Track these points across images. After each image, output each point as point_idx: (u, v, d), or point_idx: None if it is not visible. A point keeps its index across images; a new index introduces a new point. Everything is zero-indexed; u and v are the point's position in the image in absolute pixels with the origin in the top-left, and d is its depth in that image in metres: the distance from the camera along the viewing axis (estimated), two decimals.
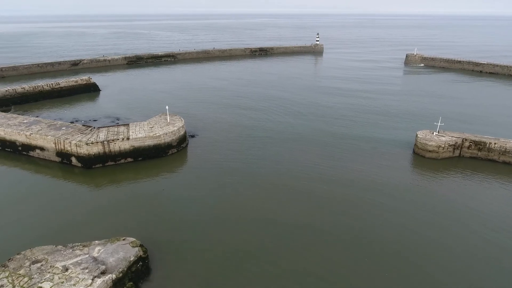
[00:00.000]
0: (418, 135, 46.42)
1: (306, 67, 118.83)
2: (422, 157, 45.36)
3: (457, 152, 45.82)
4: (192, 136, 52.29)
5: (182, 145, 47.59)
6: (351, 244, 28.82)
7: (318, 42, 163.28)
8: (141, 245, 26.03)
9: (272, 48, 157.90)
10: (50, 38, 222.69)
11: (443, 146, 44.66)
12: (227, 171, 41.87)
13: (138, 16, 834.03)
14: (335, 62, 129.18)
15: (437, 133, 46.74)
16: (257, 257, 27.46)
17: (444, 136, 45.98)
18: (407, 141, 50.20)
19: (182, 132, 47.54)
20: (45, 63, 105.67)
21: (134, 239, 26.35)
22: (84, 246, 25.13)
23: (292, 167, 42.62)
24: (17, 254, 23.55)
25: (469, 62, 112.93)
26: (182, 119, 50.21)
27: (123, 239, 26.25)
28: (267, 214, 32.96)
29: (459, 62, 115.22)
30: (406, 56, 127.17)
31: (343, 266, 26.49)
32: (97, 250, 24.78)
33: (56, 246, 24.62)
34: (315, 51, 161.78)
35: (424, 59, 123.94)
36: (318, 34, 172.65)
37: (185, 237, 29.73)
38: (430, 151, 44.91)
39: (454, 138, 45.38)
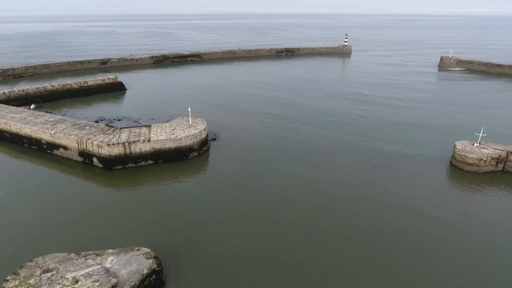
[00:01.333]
0: (457, 146, 42.64)
1: (332, 70, 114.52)
2: (460, 170, 41.59)
3: (500, 166, 41.67)
4: (214, 139, 50.96)
5: (203, 148, 46.32)
6: (389, 262, 26.21)
7: (346, 43, 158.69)
8: (155, 257, 24.70)
9: (298, 49, 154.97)
10: (83, 37, 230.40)
11: (484, 159, 40.73)
12: (249, 177, 40.13)
13: (167, 16, 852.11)
14: (363, 64, 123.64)
15: (478, 145, 42.77)
16: (283, 272, 25.53)
17: (486, 148, 41.96)
18: (442, 153, 46.34)
19: (203, 135, 46.28)
20: (75, 62, 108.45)
21: (148, 250, 25.08)
22: (97, 255, 24.12)
23: (317, 177, 40.22)
24: (30, 261, 22.83)
25: (511, 67, 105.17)
26: (204, 121, 48.97)
27: (137, 249, 25.04)
28: (293, 226, 30.89)
29: (500, 66, 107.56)
30: (441, 59, 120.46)
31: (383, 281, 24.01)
32: (110, 260, 23.68)
33: (68, 254, 23.74)
34: (342, 52, 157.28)
35: (460, 62, 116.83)
36: (346, 35, 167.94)
37: (203, 248, 28.20)
38: (470, 164, 41.09)
39: (497, 151, 41.29)
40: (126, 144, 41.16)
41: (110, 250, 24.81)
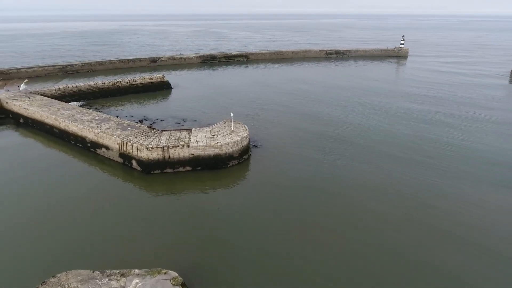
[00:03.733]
0: None
1: (385, 76, 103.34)
2: None
3: None
4: (256, 146, 48.02)
5: (244, 157, 43.56)
6: None
7: (402, 46, 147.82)
8: (183, 284, 22.21)
9: (349, 51, 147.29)
10: (138, 35, 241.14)
11: None
12: (293, 190, 36.64)
13: (217, 15, 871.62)
14: (420, 72, 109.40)
15: None
16: None
17: None
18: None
19: (245, 143, 43.50)
20: (127, 59, 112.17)
21: (176, 274, 22.64)
22: (121, 275, 22.14)
23: (369, 194, 35.52)
24: (53, 277, 21.41)
25: None
26: (246, 127, 46.20)
27: (165, 273, 22.70)
28: (344, 248, 26.87)
29: None
30: None
31: None
32: (135, 283, 21.56)
33: (93, 272, 22.02)
34: (398, 56, 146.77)
35: None
36: (403, 36, 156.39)
37: (238, 274, 25.23)
38: None
39: None
40: (165, 148, 39.65)
41: (136, 270, 22.75)
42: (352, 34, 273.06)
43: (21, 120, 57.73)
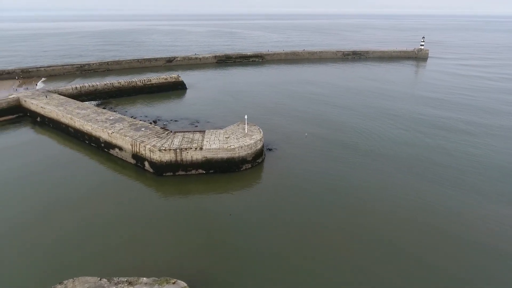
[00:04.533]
0: None
1: (403, 79, 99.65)
2: None
3: None
4: (270, 150, 46.87)
5: (257, 160, 42.51)
6: None
7: (422, 47, 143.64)
8: None
9: (367, 52, 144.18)
10: (155, 35, 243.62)
11: None
12: (308, 196, 35.39)
13: (233, 15, 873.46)
14: (441, 74, 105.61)
15: None
16: None
17: None
18: None
19: (259, 146, 42.43)
20: (143, 59, 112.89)
21: (185, 284, 21.78)
22: (129, 283, 21.44)
23: (383, 202, 33.87)
24: (59, 283, 20.88)
25: None
26: (260, 130, 45.13)
27: (173, 282, 21.88)
28: (361, 254, 25.50)
29: None
30: None
31: None
32: None
33: (100, 280, 21.40)
34: (417, 57, 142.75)
35: None
36: (423, 37, 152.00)
37: (250, 285, 24.22)
38: None
39: None
40: (178, 150, 39.01)
41: (144, 279, 22.01)
42: (370, 34, 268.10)
43: (38, 119, 58.43)
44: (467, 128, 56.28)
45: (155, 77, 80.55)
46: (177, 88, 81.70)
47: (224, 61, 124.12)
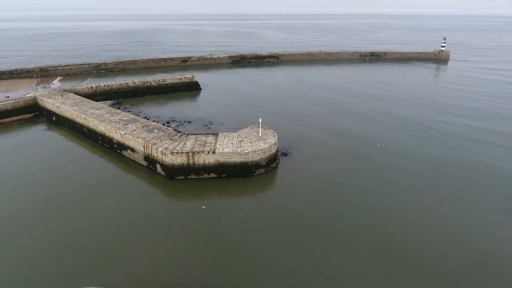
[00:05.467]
0: None
1: (422, 82, 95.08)
2: None
3: None
4: (285, 154, 45.46)
5: (271, 165, 41.20)
6: None
7: (443, 49, 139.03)
8: None
9: (385, 53, 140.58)
10: (171, 35, 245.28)
11: None
12: (324, 206, 33.88)
13: (249, 15, 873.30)
14: (462, 78, 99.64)
15: None
16: None
17: None
18: None
19: (273, 150, 41.12)
20: (159, 59, 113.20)
21: None
22: None
23: (405, 216, 32.02)
24: None
25: None
26: (275, 134, 43.80)
27: None
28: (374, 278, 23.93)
29: None
30: None
31: None
32: None
33: None
34: (438, 59, 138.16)
35: None
36: (444, 38, 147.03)
37: None
38: None
39: None
40: (190, 154, 38.11)
41: None
42: (388, 35, 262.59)
43: (54, 118, 58.76)
44: (494, 140, 51.97)
45: (169, 77, 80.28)
46: (192, 89, 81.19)
47: (239, 61, 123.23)
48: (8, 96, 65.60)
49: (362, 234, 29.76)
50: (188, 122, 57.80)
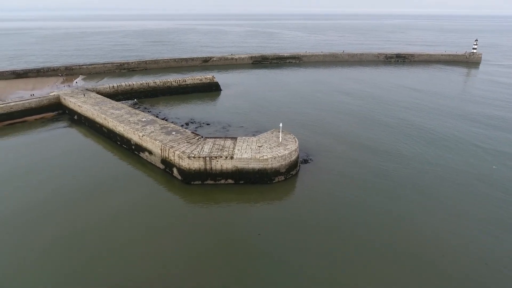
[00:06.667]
0: None
1: (451, 89, 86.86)
2: None
3: None
4: (305, 161, 43.53)
5: (291, 172, 39.42)
6: None
7: (475, 51, 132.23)
8: None
9: (412, 55, 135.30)
10: (193, 34, 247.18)
11: None
12: (346, 219, 31.82)
13: (271, 15, 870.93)
14: (495, 84, 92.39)
15: None
16: None
17: None
18: None
19: (293, 157, 39.32)
20: (180, 58, 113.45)
21: None
22: None
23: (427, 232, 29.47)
24: None
25: None
26: (296, 140, 41.97)
27: None
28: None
29: None
30: None
31: None
32: None
33: None
34: (468, 62, 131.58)
35: None
36: (476, 40, 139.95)
37: None
38: None
39: None
40: (207, 158, 36.92)
41: None
42: (416, 36, 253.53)
43: (75, 117, 59.30)
44: None
45: (189, 78, 79.82)
46: (212, 89, 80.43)
47: (260, 62, 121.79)
48: (33, 94, 66.98)
49: (394, 249, 27.50)
50: (207, 124, 56.82)
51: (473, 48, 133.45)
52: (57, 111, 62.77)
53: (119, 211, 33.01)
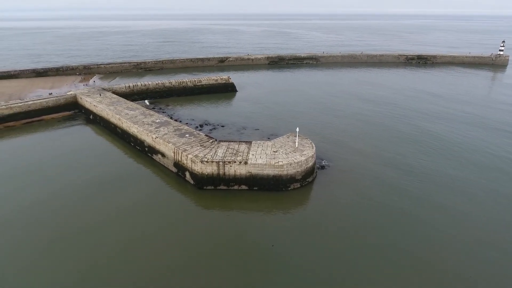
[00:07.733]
0: None
1: (477, 96, 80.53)
2: None
3: None
4: (322, 167, 41.77)
5: (307, 179, 37.77)
6: None
7: (501, 53, 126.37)
8: None
9: (434, 57, 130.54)
10: (210, 34, 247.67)
11: None
12: (364, 229, 30.01)
13: (288, 15, 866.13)
14: None
15: None
16: None
17: None
18: None
19: (310, 164, 37.65)
20: (197, 58, 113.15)
21: None
22: None
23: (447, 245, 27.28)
24: None
25: None
26: (313, 145, 40.26)
27: None
28: None
29: None
30: None
31: None
32: None
33: None
34: (494, 64, 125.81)
35: None
36: (503, 41, 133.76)
37: None
38: None
39: None
40: (221, 163, 35.74)
41: None
42: (438, 37, 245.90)
43: (91, 116, 59.38)
44: None
45: (205, 78, 79.07)
46: (227, 90, 79.45)
47: (277, 62, 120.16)
48: (51, 93, 67.62)
49: (420, 261, 25.54)
50: (222, 126, 55.75)
51: (500, 50, 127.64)
52: (73, 110, 63.13)
53: (128, 212, 32.45)
